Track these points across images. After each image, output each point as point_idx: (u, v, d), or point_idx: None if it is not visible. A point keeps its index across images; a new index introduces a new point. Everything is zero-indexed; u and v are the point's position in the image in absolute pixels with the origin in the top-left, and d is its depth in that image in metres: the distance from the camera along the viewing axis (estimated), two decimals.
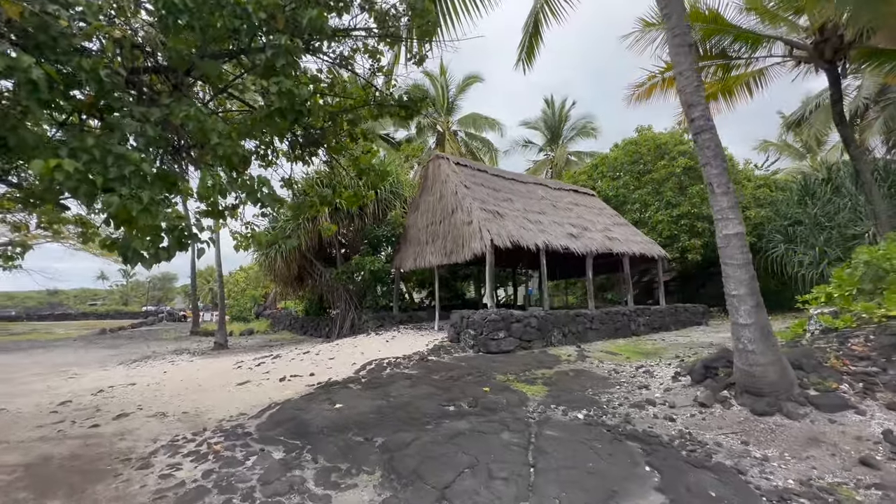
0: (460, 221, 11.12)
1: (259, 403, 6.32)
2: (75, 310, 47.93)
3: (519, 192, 13.37)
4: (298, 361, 9.64)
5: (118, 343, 18.61)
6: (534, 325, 9.08)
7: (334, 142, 5.71)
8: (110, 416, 5.87)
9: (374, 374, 7.53)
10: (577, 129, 24.08)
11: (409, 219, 13.83)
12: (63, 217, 7.08)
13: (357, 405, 5.32)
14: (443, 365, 7.85)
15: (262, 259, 14.54)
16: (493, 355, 8.39)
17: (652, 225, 16.95)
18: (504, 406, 4.78)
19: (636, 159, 18.98)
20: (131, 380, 9.12)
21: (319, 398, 6.06)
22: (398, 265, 13.98)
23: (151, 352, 14.88)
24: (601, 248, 12.20)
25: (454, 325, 9.62)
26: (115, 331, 24.98)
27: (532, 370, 6.81)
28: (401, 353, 9.27)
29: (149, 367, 10.93)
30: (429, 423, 4.39)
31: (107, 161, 3.26)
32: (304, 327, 19.28)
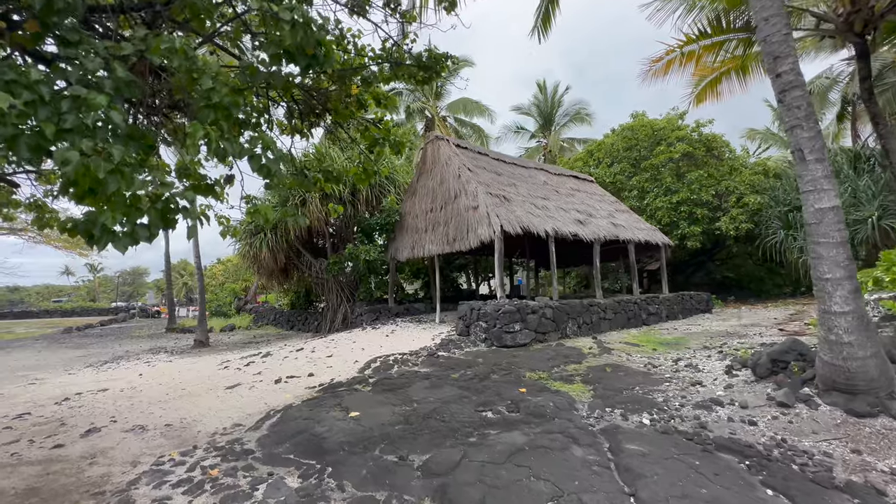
0: (464, 207, 10.39)
1: (255, 411, 5.51)
2: (38, 307, 44.99)
3: (521, 177, 12.72)
4: (293, 360, 8.79)
5: (86, 342, 17.18)
6: (549, 316, 8.50)
7: (343, 106, 4.87)
8: (77, 433, 4.95)
9: (382, 374, 6.79)
10: (571, 115, 23.52)
11: (405, 205, 13.00)
12: (13, 199, 6.02)
13: (376, 413, 4.58)
14: (457, 361, 7.17)
15: (246, 249, 13.46)
16: (508, 349, 7.77)
17: (651, 212, 16.63)
18: (553, 411, 4.13)
19: (632, 145, 18.60)
20: (102, 385, 8.10)
21: (327, 404, 5.30)
22: (394, 255, 13.17)
23: (124, 351, 13.67)
24: (609, 235, 11.71)
25: (463, 318, 8.94)
26: (82, 329, 23.30)
27: (561, 366, 6.21)
28: (406, 349, 8.55)
29: (122, 370, 9.86)
30: (471, 435, 3.71)
31: (59, 105, 2.40)
32: (290, 322, 18.28)
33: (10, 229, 28.10)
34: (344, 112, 4.91)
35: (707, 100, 11.41)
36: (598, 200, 14.35)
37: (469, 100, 23.34)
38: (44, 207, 5.88)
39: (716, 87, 11.02)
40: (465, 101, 23.45)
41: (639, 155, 18.44)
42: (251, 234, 13.37)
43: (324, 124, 5.65)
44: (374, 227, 12.90)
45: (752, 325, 10.23)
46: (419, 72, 5.01)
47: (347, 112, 4.93)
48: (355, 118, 5.16)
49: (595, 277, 11.50)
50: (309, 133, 5.76)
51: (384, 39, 4.74)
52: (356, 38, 4.82)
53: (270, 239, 12.93)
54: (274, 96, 5.24)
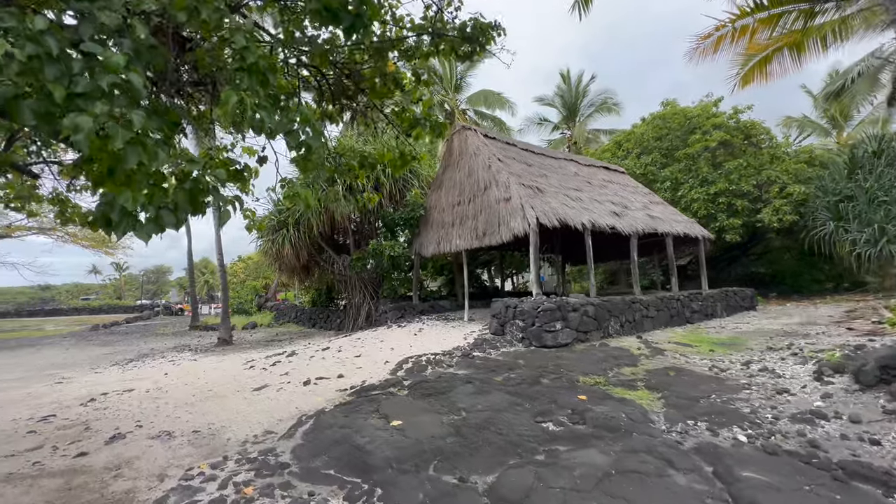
0: (495, 199, 9.87)
1: (286, 416, 5.15)
2: (67, 305, 46.32)
3: (552, 168, 12.11)
4: (319, 360, 8.44)
5: (112, 340, 17.32)
6: (591, 314, 7.93)
7: (379, 84, 4.42)
8: (102, 439, 4.65)
9: (417, 376, 6.35)
10: (597, 106, 22.61)
11: (430, 199, 12.54)
12: (36, 193, 5.78)
13: (421, 422, 4.13)
14: (496, 363, 6.68)
15: (268, 246, 13.20)
16: (549, 350, 7.24)
17: (686, 204, 15.78)
18: (626, 423, 3.61)
19: (664, 135, 17.72)
20: (127, 384, 7.90)
21: (363, 410, 4.88)
22: (418, 250, 12.74)
23: (149, 349, 13.63)
24: (647, 228, 11.02)
25: (497, 316, 8.44)
26: (108, 326, 23.66)
27: (615, 369, 5.66)
28: (437, 349, 8.10)
29: (147, 368, 9.70)
30: (537, 452, 3.22)
31: (70, 65, 1.99)
32: (311, 319, 18.08)
33: (40, 229, 28.78)
34: (381, 90, 4.45)
35: (754, 81, 10.58)
36: (631, 192, 13.64)
37: (490, 91, 22.69)
38: (66, 202, 5.63)
39: (765, 67, 10.18)
40: (486, 92, 22.81)
41: (671, 145, 17.57)
42: (273, 231, 13.13)
43: (357, 106, 5.21)
44: (397, 222, 12.49)
45: (807, 324, 9.45)
46: (462, 44, 4.52)
47: (385, 89, 4.47)
48: (392, 97, 4.71)
49: (633, 273, 10.85)
50: (340, 118, 5.33)
51: (426, 6, 4.26)
52: (394, 8, 4.37)
53: (293, 235, 12.66)
54: (306, 77, 4.84)
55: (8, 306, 44.18)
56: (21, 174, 4.80)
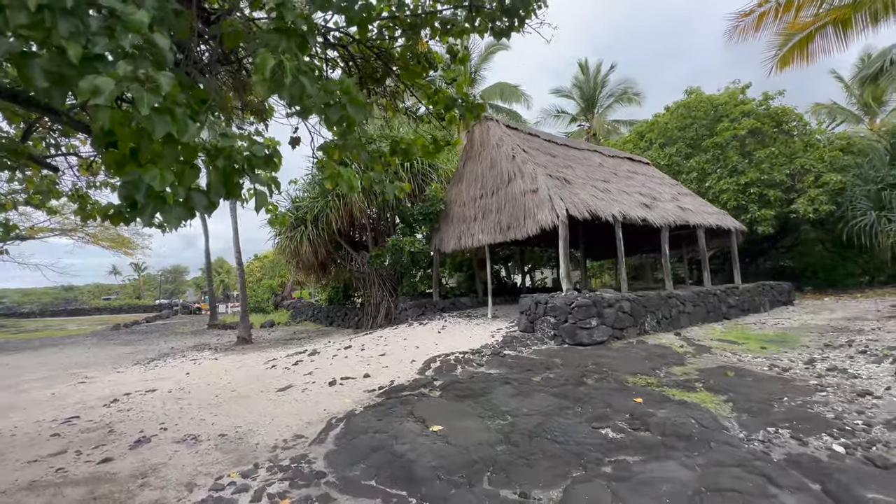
0: (520, 191, 9.49)
1: (314, 418, 4.89)
2: (89, 305, 47.29)
3: (576, 159, 11.67)
4: (342, 359, 8.20)
5: (133, 339, 17.42)
6: (626, 309, 7.52)
7: (415, 61, 4.10)
8: (126, 443, 4.44)
9: (447, 376, 6.05)
10: (616, 96, 21.93)
11: (450, 193, 12.21)
12: (56, 189, 5.61)
13: (464, 427, 3.81)
14: (529, 362, 6.34)
15: (286, 243, 13.03)
16: (585, 348, 6.86)
17: (714, 195, 15.15)
18: (698, 430, 3.24)
19: (688, 124, 17.08)
20: (150, 384, 7.77)
21: (396, 413, 4.59)
22: (438, 246, 12.42)
23: (169, 348, 13.61)
24: (678, 220, 10.52)
25: (526, 313, 8.09)
26: (129, 325, 23.93)
27: (663, 368, 5.27)
28: (465, 347, 7.79)
29: (168, 368, 9.59)
30: (602, 463, 2.88)
31: (86, 20, 1.71)
32: (329, 317, 17.93)
33: (62, 230, 29.28)
34: (414, 68, 4.13)
35: (793, 63, 9.99)
36: (658, 183, 13.11)
37: (507, 84, 22.19)
38: (86, 198, 5.45)
39: (806, 46, 9.59)
40: (502, 85, 22.32)
41: (695, 134, 16.92)
42: (291, 228, 12.95)
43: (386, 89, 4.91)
44: (417, 217, 12.19)
45: (855, 319, 8.89)
46: (501, 16, 4.16)
47: (418, 68, 4.15)
48: (424, 78, 4.38)
49: (665, 267, 10.36)
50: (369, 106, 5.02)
51: None
52: None
53: (311, 232, 12.46)
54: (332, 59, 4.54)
55: (33, 306, 45.28)
56: (40, 168, 4.62)
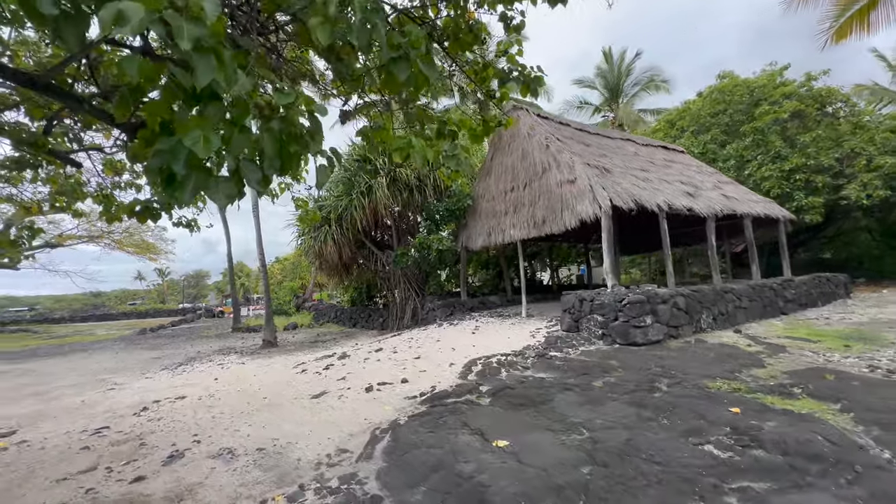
0: (556, 182, 8.95)
1: (356, 429, 4.50)
2: (116, 310, 48.45)
3: (610, 148, 11.05)
4: (375, 362, 7.82)
5: (159, 343, 17.47)
6: (681, 305, 6.92)
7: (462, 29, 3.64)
8: (159, 458, 4.11)
9: (493, 381, 5.59)
10: (642, 84, 21.05)
11: (478, 187, 11.73)
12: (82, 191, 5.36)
13: (534, 443, 3.34)
14: (582, 364, 5.82)
15: (310, 244, 12.75)
16: (639, 348, 6.30)
17: (755, 183, 14.28)
18: (829, 449, 2.70)
19: (723, 109, 16.20)
20: (179, 390, 7.52)
21: (448, 423, 4.15)
22: (465, 243, 11.97)
23: (196, 352, 13.50)
24: (724, 209, 9.81)
25: (569, 311, 7.56)
26: (155, 330, 24.19)
27: (742, 370, 4.69)
28: (505, 349, 7.31)
29: (196, 373, 9.38)
30: (724, 492, 2.37)
31: None
32: (352, 319, 17.67)
33: (89, 237, 29.89)
34: (465, 37, 3.67)
35: (851, 34, 9.19)
36: (696, 172, 12.37)
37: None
38: (111, 199, 5.18)
39: (867, 15, 8.79)
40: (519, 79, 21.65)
41: (731, 120, 16.03)
42: (315, 228, 12.68)
43: None
44: (443, 214, 11.76)
45: None
46: None
47: (469, 38, 3.69)
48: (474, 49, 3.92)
49: (712, 260, 9.67)
50: None
51: None
52: None
53: (335, 231, 12.15)
54: None
55: (64, 312, 46.61)
56: (63, 165, 4.34)
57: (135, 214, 3.89)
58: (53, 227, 27.88)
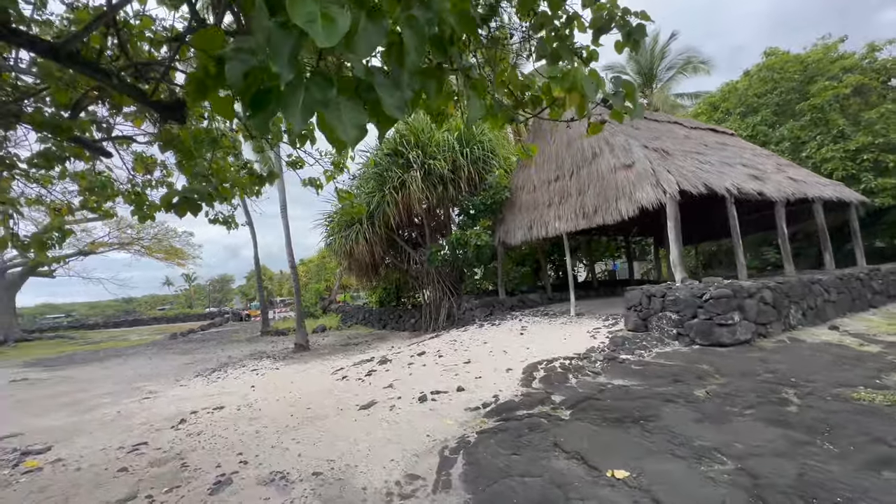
0: (609, 167, 8.21)
1: (420, 447, 3.93)
2: (147, 315, 49.62)
3: (659, 131, 10.20)
4: (420, 367, 7.25)
5: (190, 348, 17.40)
6: (768, 300, 6.10)
7: None
8: (204, 484, 3.62)
9: (564, 389, 4.94)
10: (678, 67, 19.86)
11: (516, 179, 11.05)
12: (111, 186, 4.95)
13: (664, 474, 2.67)
14: (667, 369, 5.09)
15: (341, 243, 12.28)
16: (727, 349, 5.53)
17: (815, 165, 13.13)
18: None
19: (771, 89, 15.03)
20: (215, 399, 7.13)
21: (532, 443, 3.53)
22: (503, 239, 11.31)
23: (227, 357, 13.24)
24: (796, 193, 8.88)
25: (636, 308, 6.82)
26: (185, 334, 24.34)
27: (881, 375, 3.90)
28: (567, 352, 6.62)
29: (231, 380, 9.01)
30: None
31: None
32: (381, 320, 17.21)
33: (120, 244, 30.43)
34: None
35: None
36: (753, 154, 11.37)
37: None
38: (142, 196, 4.75)
39: None
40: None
41: (782, 99, 14.86)
42: (346, 226, 12.22)
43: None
44: (479, 208, 11.12)
45: None
46: None
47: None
48: None
49: (783, 249, 8.74)
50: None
51: None
52: None
53: (366, 229, 11.66)
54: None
55: (98, 318, 47.99)
56: (92, 156, 3.91)
57: (172, 207, 3.41)
58: (86, 234, 28.56)
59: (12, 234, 4.50)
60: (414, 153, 10.64)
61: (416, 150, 10.77)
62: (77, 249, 27.32)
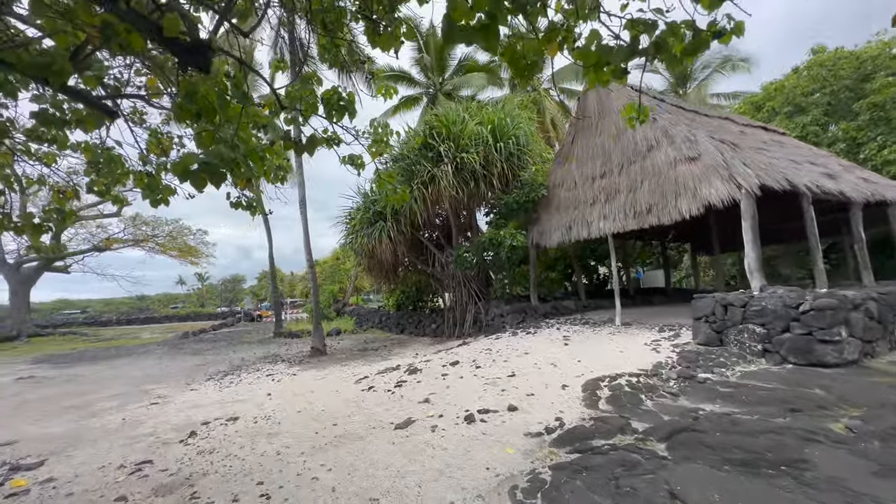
0: (667, 161, 7.38)
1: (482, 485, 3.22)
2: (159, 314, 49.62)
3: (712, 126, 9.33)
4: (456, 378, 6.46)
5: (202, 348, 16.85)
6: (874, 313, 5.20)
7: None
8: None
9: (642, 413, 4.13)
10: (715, 66, 18.91)
11: (553, 176, 10.25)
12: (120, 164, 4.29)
13: None
14: (768, 394, 4.23)
15: (363, 241, 11.55)
16: (832, 370, 4.65)
17: (875, 167, 12.08)
18: None
19: (825, 86, 14.04)
20: (229, 408, 6.44)
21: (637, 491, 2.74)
22: (537, 240, 10.49)
23: (240, 359, 12.61)
24: (875, 194, 7.95)
25: (707, 319, 5.95)
26: (197, 333, 23.89)
27: None
28: (629, 367, 5.76)
29: (245, 386, 8.32)
30: None
31: None
32: (399, 325, 16.47)
33: (135, 241, 30.27)
34: None
35: None
36: (813, 154, 10.42)
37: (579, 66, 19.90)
38: (156, 178, 4.07)
39: None
40: (575, 66, 20.09)
41: (834, 98, 13.86)
42: (369, 224, 11.50)
43: None
44: (512, 206, 10.33)
45: None
46: None
47: None
48: None
49: (860, 256, 7.79)
50: None
51: None
52: None
53: (391, 227, 10.94)
54: None
55: (111, 315, 48.14)
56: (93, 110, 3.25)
57: (189, 176, 2.72)
58: (101, 230, 28.48)
59: (3, 214, 3.88)
60: (445, 146, 9.91)
61: (448, 142, 10.05)
62: (92, 245, 27.21)
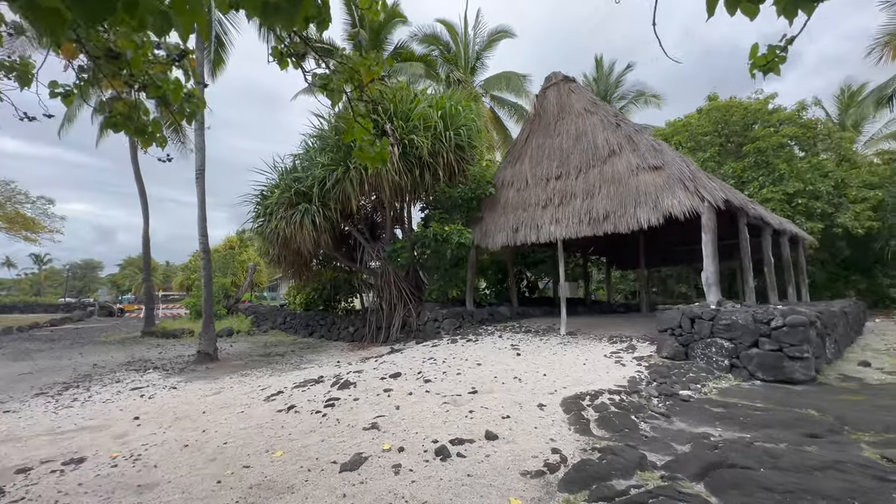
0: (629, 168, 7.24)
1: None
2: None
3: None
4: (404, 395, 5.32)
5: (32, 349, 12.77)
6: (820, 331, 5.44)
7: None
8: None
9: (650, 442, 3.55)
10: (630, 98, 20.66)
11: (502, 174, 9.67)
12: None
13: None
14: (768, 416, 3.96)
15: (281, 225, 9.50)
16: (799, 387, 4.64)
17: None
18: None
19: (719, 129, 16.06)
20: (69, 443, 4.41)
21: None
22: (479, 241, 9.80)
23: (91, 366, 9.61)
24: (783, 223, 8.87)
25: (674, 332, 5.74)
26: (25, 330, 18.50)
27: None
28: (606, 383, 5.23)
29: (98, 405, 6.04)
30: None
31: None
32: (308, 327, 14.48)
33: None
34: None
35: None
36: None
37: (514, 73, 20.15)
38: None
39: None
40: (508, 75, 20.25)
41: (726, 140, 15.92)
42: (289, 205, 9.52)
43: None
44: (457, 202, 9.48)
45: None
46: None
47: None
48: None
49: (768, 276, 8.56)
50: None
51: None
52: None
53: (316, 211, 9.18)
54: None
55: None
56: None
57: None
58: None
59: None
60: (393, 124, 8.65)
61: (398, 120, 8.82)
62: None
